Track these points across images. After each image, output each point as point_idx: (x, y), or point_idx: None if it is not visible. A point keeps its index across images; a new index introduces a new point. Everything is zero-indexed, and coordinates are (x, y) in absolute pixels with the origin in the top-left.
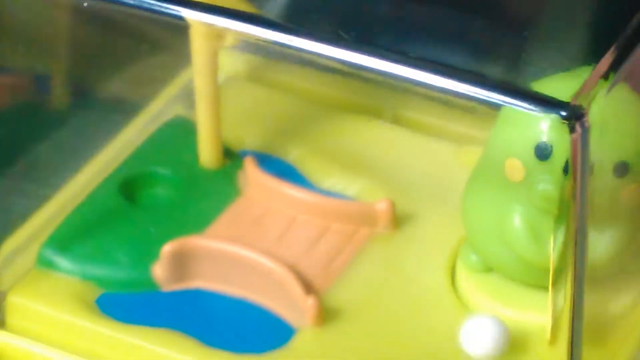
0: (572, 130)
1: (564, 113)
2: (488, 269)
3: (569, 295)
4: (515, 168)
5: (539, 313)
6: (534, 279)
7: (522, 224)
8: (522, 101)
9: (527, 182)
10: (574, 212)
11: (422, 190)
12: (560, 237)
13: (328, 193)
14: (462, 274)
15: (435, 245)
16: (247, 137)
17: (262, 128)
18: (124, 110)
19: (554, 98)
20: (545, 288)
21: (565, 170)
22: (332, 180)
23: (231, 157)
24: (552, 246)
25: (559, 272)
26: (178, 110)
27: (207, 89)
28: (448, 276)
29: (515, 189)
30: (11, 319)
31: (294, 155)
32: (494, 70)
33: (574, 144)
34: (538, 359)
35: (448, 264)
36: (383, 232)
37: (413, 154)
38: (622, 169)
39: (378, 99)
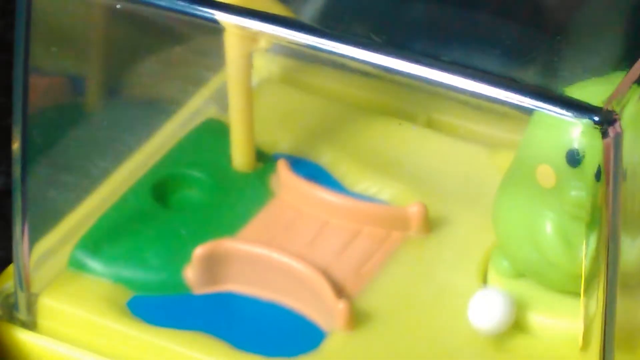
0: (604, 135)
1: (596, 118)
2: (519, 274)
3: (601, 301)
4: (546, 174)
5: (570, 319)
6: (565, 285)
7: (554, 231)
8: (554, 106)
9: (559, 189)
10: (606, 217)
11: (455, 194)
12: (593, 244)
13: (360, 197)
14: (493, 280)
15: (468, 250)
16: (280, 140)
17: (295, 131)
18: (158, 111)
19: (586, 103)
20: (577, 294)
21: (597, 176)
22: (365, 184)
23: (264, 160)
24: (584, 252)
25: (591, 278)
26: (212, 112)
27: (241, 91)
28: (480, 281)
29: (546, 195)
30: (42, 320)
31: (327, 158)
32: (528, 75)
33: (606, 149)
34: None
35: (480, 269)
36: (415, 236)
37: (446, 158)
38: None
39: (412, 103)
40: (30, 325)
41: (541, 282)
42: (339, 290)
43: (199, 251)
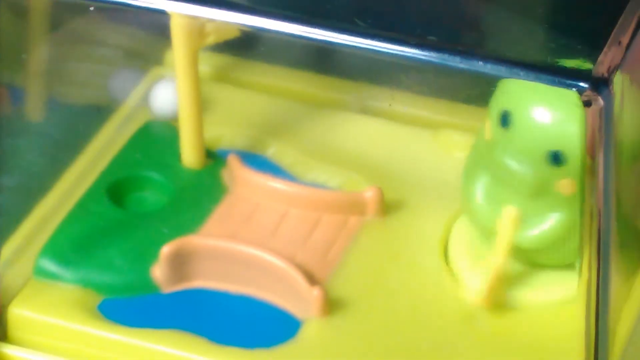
0: (594, 102)
1: (585, 85)
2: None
3: (594, 278)
4: (487, 129)
5: (532, 290)
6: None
7: (480, 187)
8: (542, 74)
9: (492, 147)
10: (596, 190)
11: (403, 176)
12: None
13: (312, 185)
14: (455, 254)
15: (425, 229)
16: (223, 136)
17: (236, 126)
18: (96, 114)
19: (574, 69)
20: (543, 266)
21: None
22: (314, 173)
23: (211, 156)
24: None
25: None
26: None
27: (190, 89)
28: (442, 258)
29: (486, 151)
30: (13, 331)
31: (272, 150)
32: None
33: (599, 116)
34: (536, 336)
35: (440, 246)
36: (373, 220)
37: (390, 142)
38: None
39: (344, 92)
40: (1, 336)
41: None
42: (310, 278)
43: (166, 249)
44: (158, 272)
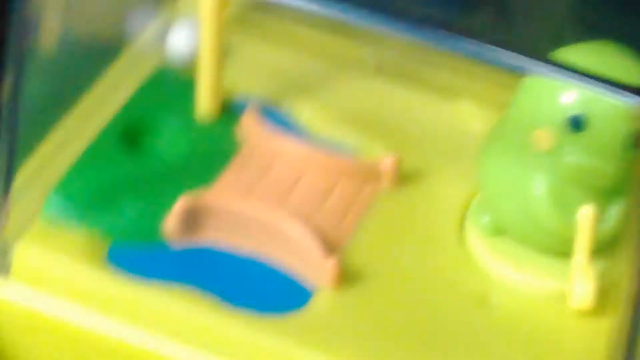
0: None
1: None
2: (500, 231)
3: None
4: (544, 138)
5: (552, 279)
6: (550, 246)
7: (547, 194)
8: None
9: (556, 153)
10: None
11: (420, 143)
12: (615, 212)
13: (328, 145)
14: (472, 234)
15: (442, 202)
16: (241, 85)
17: (256, 77)
18: (107, 51)
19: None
20: (561, 255)
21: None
22: (330, 132)
23: (228, 106)
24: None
25: (605, 246)
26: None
27: (212, 38)
28: (458, 233)
29: (540, 157)
30: (17, 270)
31: (289, 105)
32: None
33: None
34: (551, 324)
35: (457, 221)
36: (388, 189)
37: (409, 109)
38: None
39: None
40: (4, 274)
41: (524, 242)
42: (325, 246)
43: (179, 205)
44: (170, 225)
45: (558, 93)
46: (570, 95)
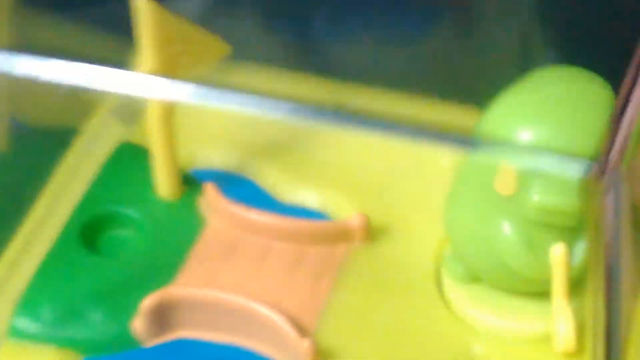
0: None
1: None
2: (475, 278)
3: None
4: (506, 182)
5: (530, 322)
6: (524, 288)
7: (515, 238)
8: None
9: (520, 195)
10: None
11: (388, 192)
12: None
13: (292, 208)
14: (449, 283)
15: (416, 253)
16: (196, 154)
17: (212, 142)
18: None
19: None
20: (535, 296)
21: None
22: (294, 192)
23: (186, 180)
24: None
25: (576, 282)
26: (117, 130)
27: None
28: (435, 285)
29: (505, 201)
30: None
31: (251, 169)
32: None
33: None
34: None
35: (432, 272)
36: (359, 247)
37: (373, 158)
38: None
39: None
40: None
41: (498, 287)
42: (299, 326)
43: (146, 303)
44: (139, 325)
45: (514, 132)
46: (527, 134)
